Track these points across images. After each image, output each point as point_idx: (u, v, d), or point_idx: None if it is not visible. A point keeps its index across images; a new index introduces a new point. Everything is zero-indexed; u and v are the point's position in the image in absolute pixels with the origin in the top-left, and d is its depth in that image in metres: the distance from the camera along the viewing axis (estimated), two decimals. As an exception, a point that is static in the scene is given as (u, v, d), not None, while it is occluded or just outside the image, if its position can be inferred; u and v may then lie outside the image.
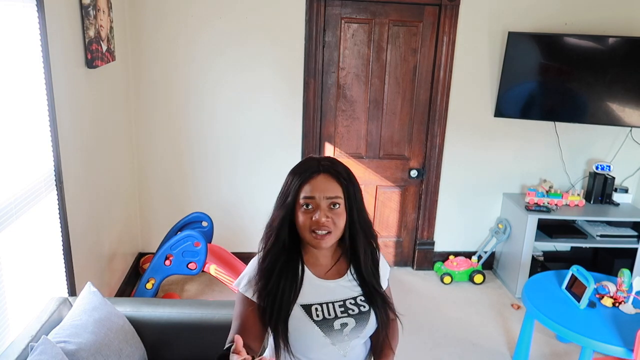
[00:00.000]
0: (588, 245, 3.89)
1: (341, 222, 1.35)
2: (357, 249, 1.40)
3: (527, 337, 2.87)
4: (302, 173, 1.35)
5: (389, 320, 1.46)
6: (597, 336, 2.43)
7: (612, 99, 3.55)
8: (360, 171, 3.87)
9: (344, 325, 1.36)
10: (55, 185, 2.30)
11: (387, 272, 1.52)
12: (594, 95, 3.57)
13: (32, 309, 2.10)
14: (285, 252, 1.36)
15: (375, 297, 1.41)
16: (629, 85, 3.50)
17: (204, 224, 3.46)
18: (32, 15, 2.08)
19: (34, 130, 2.13)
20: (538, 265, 3.80)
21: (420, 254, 4.07)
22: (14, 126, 1.96)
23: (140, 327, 2.08)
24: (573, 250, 4.16)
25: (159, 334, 2.12)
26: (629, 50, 3.45)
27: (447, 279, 3.89)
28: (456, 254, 4.09)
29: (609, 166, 3.80)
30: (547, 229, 3.76)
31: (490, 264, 4.14)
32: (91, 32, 2.62)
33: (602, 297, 2.75)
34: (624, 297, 2.71)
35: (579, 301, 2.69)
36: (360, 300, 1.40)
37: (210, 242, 3.46)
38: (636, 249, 3.67)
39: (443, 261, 4.05)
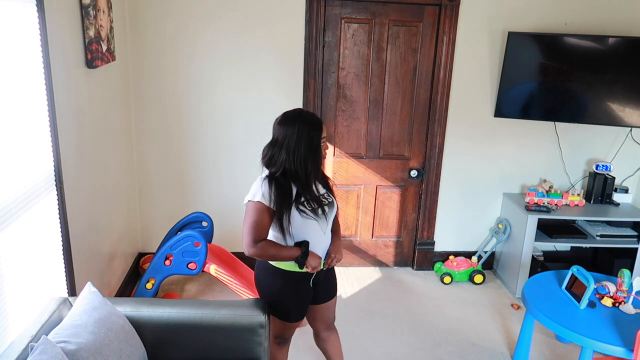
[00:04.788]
0: (588, 245, 3.89)
1: None
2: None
3: (527, 337, 2.86)
4: (319, 124, 2.11)
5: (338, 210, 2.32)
6: (597, 336, 2.43)
7: (612, 99, 3.55)
8: (360, 171, 3.87)
9: (325, 209, 2.16)
10: (55, 185, 2.30)
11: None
12: (594, 95, 3.57)
13: (32, 309, 2.10)
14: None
15: (333, 193, 2.26)
16: (629, 85, 3.50)
17: (204, 224, 3.46)
18: (32, 15, 2.08)
19: (34, 130, 2.13)
20: (538, 265, 3.80)
21: (420, 254, 4.07)
22: (14, 126, 1.96)
23: (140, 327, 2.08)
24: (573, 250, 4.16)
25: (159, 334, 2.12)
26: (629, 50, 3.45)
27: (447, 279, 3.89)
28: (456, 254, 4.09)
29: (609, 166, 3.80)
30: (547, 229, 3.76)
31: (490, 264, 4.14)
32: (91, 32, 2.62)
33: (602, 297, 2.75)
34: (624, 297, 2.71)
35: (579, 301, 2.69)
36: (327, 194, 2.23)
37: (210, 242, 3.47)
38: (636, 249, 3.67)
39: (443, 261, 4.05)
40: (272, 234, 2.16)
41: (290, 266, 2.15)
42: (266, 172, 2.14)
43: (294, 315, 2.28)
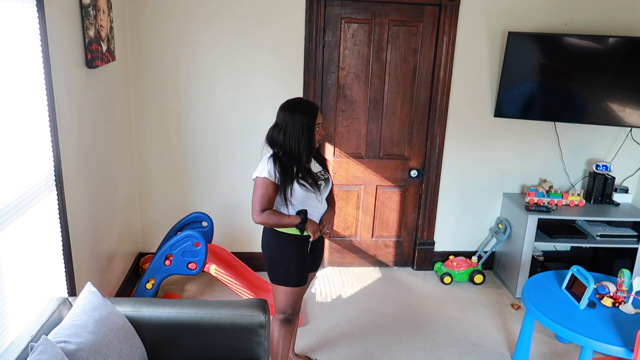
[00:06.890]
0: (588, 245, 3.89)
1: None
2: (318, 148, 2.54)
3: (527, 337, 2.87)
4: (314, 111, 2.37)
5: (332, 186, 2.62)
6: (597, 336, 2.43)
7: (612, 99, 3.55)
8: (360, 171, 3.87)
9: (320, 184, 2.45)
10: (55, 185, 2.30)
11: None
12: (594, 95, 3.57)
13: (32, 309, 2.10)
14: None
15: (328, 171, 2.59)
16: (629, 85, 3.50)
17: (204, 224, 3.46)
18: (32, 15, 2.08)
19: (34, 130, 2.13)
20: (538, 265, 3.80)
21: (420, 254, 4.08)
22: (14, 126, 1.96)
23: (140, 327, 2.08)
24: (573, 250, 4.16)
25: (159, 334, 2.12)
26: (629, 50, 3.45)
27: (447, 279, 3.89)
28: (456, 254, 4.09)
29: (609, 166, 3.80)
30: (547, 229, 3.76)
31: (490, 264, 4.14)
32: (91, 32, 2.62)
33: (602, 297, 2.75)
34: (624, 297, 2.72)
35: (579, 301, 2.69)
36: (323, 171, 2.53)
37: (210, 242, 3.47)
38: (636, 249, 3.67)
39: (443, 261, 4.05)
40: (276, 205, 2.43)
41: (293, 231, 2.42)
42: (271, 151, 2.40)
43: (299, 276, 2.47)
